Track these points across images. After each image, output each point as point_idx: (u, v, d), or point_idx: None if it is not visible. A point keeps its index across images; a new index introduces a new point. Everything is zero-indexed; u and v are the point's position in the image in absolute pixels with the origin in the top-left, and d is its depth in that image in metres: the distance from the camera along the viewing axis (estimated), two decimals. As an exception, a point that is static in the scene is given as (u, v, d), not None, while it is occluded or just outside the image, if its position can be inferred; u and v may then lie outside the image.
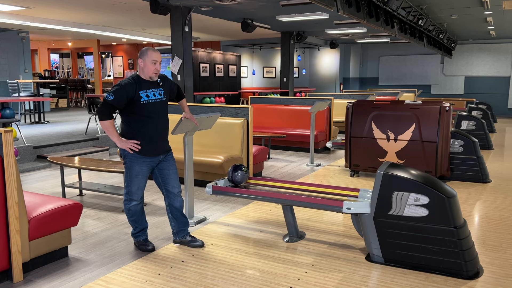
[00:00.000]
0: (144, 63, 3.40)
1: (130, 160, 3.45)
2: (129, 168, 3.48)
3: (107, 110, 3.33)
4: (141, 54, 3.42)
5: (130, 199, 3.53)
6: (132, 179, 3.48)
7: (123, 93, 3.31)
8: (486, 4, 9.01)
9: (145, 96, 3.38)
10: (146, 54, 3.39)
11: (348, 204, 3.37)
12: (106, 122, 3.33)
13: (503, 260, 3.45)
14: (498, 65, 16.46)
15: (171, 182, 3.62)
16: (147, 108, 3.39)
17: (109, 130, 3.35)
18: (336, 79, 18.54)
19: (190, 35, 9.19)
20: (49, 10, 10.35)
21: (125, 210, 3.58)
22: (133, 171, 3.46)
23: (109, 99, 3.28)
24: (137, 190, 3.51)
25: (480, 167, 6.03)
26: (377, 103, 6.11)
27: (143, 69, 3.41)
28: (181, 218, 3.71)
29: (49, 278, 3.13)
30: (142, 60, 3.40)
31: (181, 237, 3.74)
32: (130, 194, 3.52)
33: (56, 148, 7.55)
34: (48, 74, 17.97)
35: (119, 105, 3.33)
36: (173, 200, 3.65)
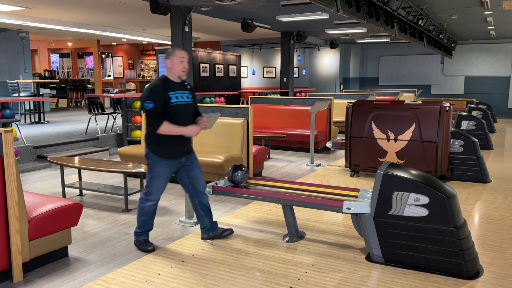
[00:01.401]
0: (172, 63, 3.40)
1: (152, 162, 3.47)
2: (151, 169, 3.50)
3: (155, 118, 3.30)
4: (168, 54, 3.42)
5: (148, 199, 3.55)
6: (153, 179, 3.50)
7: (159, 97, 3.32)
8: (486, 4, 9.00)
9: (174, 98, 3.40)
10: (173, 54, 3.40)
11: (348, 204, 3.37)
12: (164, 127, 3.32)
13: (503, 260, 3.45)
14: (498, 65, 16.46)
15: (199, 181, 3.68)
16: (175, 109, 3.40)
17: (172, 131, 3.36)
18: (336, 79, 18.53)
19: (190, 35, 9.19)
20: (49, 10, 10.36)
21: (139, 208, 3.59)
22: (154, 172, 3.48)
23: (150, 107, 3.28)
24: (156, 191, 3.54)
25: (480, 167, 6.03)
26: (377, 103, 6.11)
27: (171, 69, 3.42)
28: (210, 213, 3.79)
29: (49, 278, 3.13)
30: (170, 60, 3.40)
31: (214, 231, 3.79)
32: (148, 194, 3.54)
33: (56, 148, 7.55)
34: (48, 74, 17.97)
35: (160, 109, 3.32)
36: (202, 198, 3.71)
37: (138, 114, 8.22)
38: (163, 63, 13.85)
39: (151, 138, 3.46)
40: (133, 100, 8.43)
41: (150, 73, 20.23)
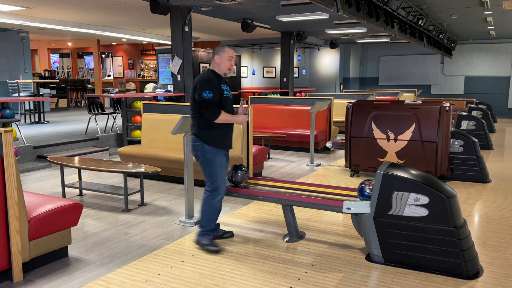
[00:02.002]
0: (220, 59, 3.51)
1: (211, 154, 3.50)
2: (211, 161, 3.50)
3: (215, 107, 3.41)
4: (217, 50, 3.53)
5: (217, 193, 3.56)
6: (217, 171, 3.52)
7: (216, 87, 3.42)
8: (486, 4, 9.00)
9: (226, 91, 3.52)
10: (223, 51, 3.52)
11: (348, 204, 3.37)
12: (222, 116, 3.43)
13: (503, 260, 3.45)
14: (498, 65, 16.46)
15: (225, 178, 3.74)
16: (227, 101, 3.52)
17: (228, 119, 3.47)
18: (336, 79, 18.53)
19: (190, 35, 9.18)
20: (49, 10, 10.36)
21: (206, 205, 3.57)
22: (217, 163, 3.51)
23: (210, 96, 3.37)
24: (223, 182, 3.58)
25: (480, 167, 6.03)
26: (377, 103, 6.11)
27: (219, 64, 3.53)
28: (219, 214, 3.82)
29: (49, 278, 3.13)
30: (219, 56, 3.51)
31: (216, 231, 3.80)
32: (216, 188, 3.55)
33: (56, 148, 7.55)
34: (48, 74, 17.97)
35: (217, 99, 3.43)
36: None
37: (138, 114, 8.22)
38: (163, 63, 13.89)
39: (206, 129, 3.49)
40: (133, 100, 8.43)
41: (150, 73, 20.23)
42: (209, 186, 3.57)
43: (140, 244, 3.78)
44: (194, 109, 3.52)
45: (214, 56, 3.53)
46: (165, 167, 5.61)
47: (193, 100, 3.50)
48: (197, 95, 3.42)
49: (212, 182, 3.55)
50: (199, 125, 3.52)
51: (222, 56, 3.50)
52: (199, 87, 3.42)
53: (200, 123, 3.52)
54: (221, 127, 3.52)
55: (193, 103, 3.51)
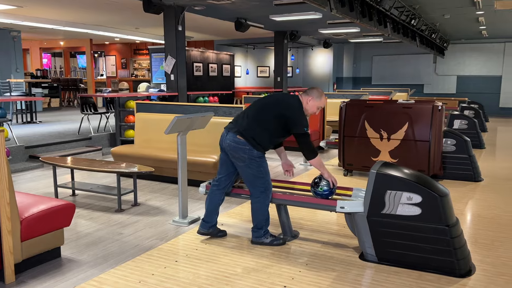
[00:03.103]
0: (313, 103, 3.62)
1: (261, 158, 3.56)
2: (261, 165, 3.56)
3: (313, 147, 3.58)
4: (314, 93, 3.63)
5: (269, 191, 3.62)
6: (266, 174, 3.58)
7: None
8: (478, 4, 9.07)
9: None
10: (320, 98, 3.63)
11: (341, 203, 3.38)
12: (317, 159, 3.53)
13: (495, 258, 3.48)
14: (489, 65, 16.59)
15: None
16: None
17: (322, 165, 3.57)
18: (329, 79, 18.58)
19: (183, 35, 9.16)
20: (41, 9, 10.28)
21: (263, 206, 3.62)
22: (265, 167, 3.59)
23: (307, 132, 3.50)
24: (271, 185, 3.65)
25: (472, 166, 6.07)
26: (370, 103, 6.13)
27: (306, 106, 3.60)
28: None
29: (41, 279, 3.11)
30: (313, 99, 3.60)
31: (213, 228, 3.83)
32: (267, 189, 3.60)
33: (49, 148, 7.50)
34: (40, 73, 17.84)
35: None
36: (223, 197, 3.82)
37: (131, 114, 8.19)
38: (156, 62, 13.84)
39: (264, 140, 3.54)
40: (126, 100, 8.39)
41: (143, 72, 20.15)
42: (261, 187, 3.58)
43: (134, 244, 3.76)
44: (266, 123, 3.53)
45: (308, 96, 3.60)
46: (159, 167, 5.59)
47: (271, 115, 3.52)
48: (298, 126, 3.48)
49: (264, 182, 3.58)
50: (259, 135, 3.52)
51: (315, 101, 3.60)
52: (299, 117, 3.50)
53: (261, 134, 3.53)
54: (272, 142, 3.64)
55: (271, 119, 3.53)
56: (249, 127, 3.54)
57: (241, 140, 3.51)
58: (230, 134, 3.57)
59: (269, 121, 3.53)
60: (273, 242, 3.67)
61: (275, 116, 3.52)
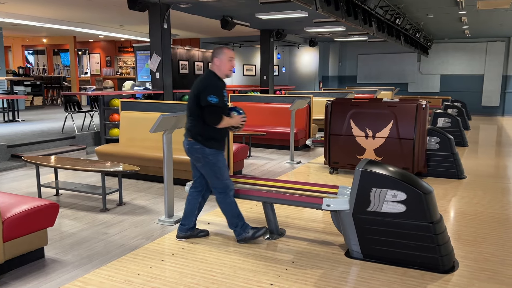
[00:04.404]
0: (220, 61, 3.49)
1: (213, 155, 3.51)
2: (214, 163, 3.52)
3: (219, 113, 3.42)
4: (216, 53, 3.50)
5: (229, 190, 3.59)
6: (223, 170, 3.55)
7: (220, 92, 3.42)
8: (461, 4, 9.20)
9: (226, 95, 3.54)
10: (222, 52, 3.50)
11: (327, 201, 3.40)
12: (225, 121, 3.45)
13: (478, 254, 3.54)
14: (472, 64, 16.85)
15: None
16: (225, 105, 3.53)
17: (229, 123, 3.50)
18: (315, 77, 18.65)
19: (169, 32, 9.09)
20: (23, 5, 10.09)
21: (225, 205, 3.60)
22: (220, 164, 3.54)
23: (215, 101, 3.36)
24: (229, 179, 3.62)
25: (456, 164, 6.17)
26: (355, 101, 6.17)
27: (219, 67, 3.50)
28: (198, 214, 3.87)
29: (25, 280, 3.06)
30: (219, 59, 3.49)
31: (192, 230, 3.80)
32: (226, 187, 3.57)
33: (31, 147, 7.38)
34: (22, 71, 17.53)
35: (223, 103, 3.43)
36: (206, 196, 3.79)
37: (116, 112, 8.10)
38: (141, 60, 13.71)
39: (207, 133, 3.48)
40: (111, 98, 8.30)
41: (128, 70, 19.95)
42: (219, 188, 3.58)
43: (119, 244, 3.73)
44: (194, 112, 3.48)
45: (214, 59, 3.50)
46: (144, 166, 5.55)
47: (194, 103, 3.46)
48: (202, 100, 3.38)
49: (220, 182, 3.56)
50: (199, 128, 3.49)
51: (221, 58, 3.49)
52: (204, 91, 3.39)
53: (200, 127, 3.49)
54: (220, 131, 3.54)
55: (194, 106, 3.47)
56: (191, 125, 3.55)
57: (191, 142, 3.54)
58: (184, 139, 3.61)
59: (197, 109, 3.46)
60: (255, 234, 3.67)
61: (197, 103, 3.45)
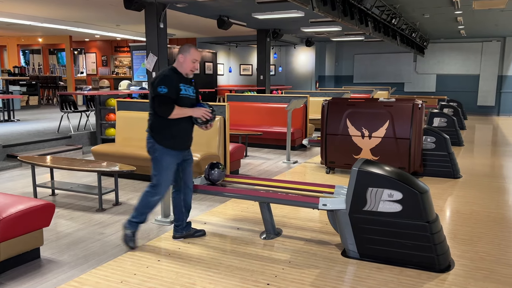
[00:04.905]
0: (184, 59, 3.46)
1: (160, 153, 3.46)
2: (159, 160, 3.47)
3: (168, 103, 3.34)
4: (183, 50, 3.47)
5: (156, 192, 3.51)
6: (162, 171, 3.48)
7: (172, 83, 3.36)
8: (456, 4, 9.23)
9: (184, 90, 3.46)
10: (188, 52, 3.46)
11: (324, 200, 3.41)
12: (176, 111, 3.36)
13: (473, 253, 3.55)
14: (468, 64, 16.92)
15: (190, 178, 3.73)
16: (183, 101, 3.45)
17: (181, 113, 3.40)
18: (312, 77, 18.67)
19: (165, 32, 9.07)
20: (19, 4, 10.04)
21: (144, 200, 3.53)
22: (164, 163, 3.47)
23: (164, 91, 3.32)
24: (165, 185, 3.54)
25: (452, 163, 6.19)
26: (352, 101, 6.18)
27: (182, 64, 3.47)
28: (189, 212, 3.81)
29: (20, 280, 3.05)
30: (183, 56, 3.46)
31: (187, 230, 3.78)
32: (157, 187, 3.50)
33: (27, 147, 7.35)
34: (18, 70, 17.44)
35: (174, 95, 3.37)
36: (188, 196, 3.73)
37: (112, 112, 8.08)
38: (138, 60, 13.68)
39: (159, 128, 3.45)
40: (107, 98, 8.27)
41: (124, 70, 19.89)
42: (152, 183, 3.53)
43: (115, 244, 3.72)
44: (151, 106, 3.48)
45: (179, 55, 3.47)
46: (140, 166, 5.53)
47: (150, 97, 3.47)
48: (153, 91, 3.38)
49: (156, 179, 3.51)
50: (153, 123, 3.48)
51: (186, 56, 3.45)
52: (154, 81, 3.38)
53: (154, 121, 3.47)
54: (175, 127, 3.45)
55: (151, 100, 3.47)
56: (149, 119, 3.53)
57: (147, 136, 3.54)
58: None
59: (152, 102, 3.44)
60: (129, 239, 3.54)
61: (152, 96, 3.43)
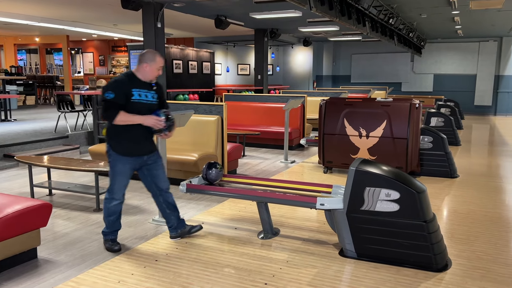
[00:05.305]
0: (150, 68, 3.38)
1: (113, 159, 3.43)
2: (112, 166, 3.45)
3: (113, 109, 3.27)
4: (147, 58, 3.38)
5: (112, 197, 3.48)
6: (115, 177, 3.45)
7: (120, 89, 3.29)
8: (453, 4, 9.25)
9: (137, 95, 3.36)
10: (154, 60, 3.38)
11: (321, 200, 3.41)
12: (119, 117, 3.29)
13: (470, 252, 3.57)
14: (465, 64, 16.96)
15: (162, 180, 3.66)
16: (135, 106, 3.35)
17: (127, 120, 3.32)
18: (309, 77, 18.68)
19: (162, 32, 9.07)
20: (16, 4, 10.02)
21: (104, 208, 3.52)
22: (116, 169, 3.44)
23: (111, 97, 3.25)
24: (119, 189, 3.48)
25: (449, 163, 6.20)
26: (349, 101, 6.19)
27: (146, 72, 3.39)
28: (177, 211, 3.76)
29: (17, 280, 3.04)
30: (148, 65, 3.37)
31: (182, 228, 3.76)
32: (112, 192, 3.48)
33: (24, 147, 7.33)
34: (15, 70, 17.39)
35: (121, 100, 3.29)
36: (167, 197, 3.69)
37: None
38: (135, 60, 13.63)
39: (112, 134, 3.42)
40: (104, 97, 8.25)
41: (122, 69, 19.86)
42: (107, 189, 3.52)
43: (113, 244, 3.70)
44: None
45: (143, 63, 3.37)
46: (138, 166, 5.51)
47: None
48: (101, 95, 3.32)
49: (110, 185, 3.49)
50: (108, 129, 3.44)
51: (152, 65, 3.36)
52: (104, 87, 3.31)
53: (109, 127, 3.43)
54: (127, 133, 3.37)
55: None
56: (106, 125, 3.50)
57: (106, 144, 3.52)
58: None
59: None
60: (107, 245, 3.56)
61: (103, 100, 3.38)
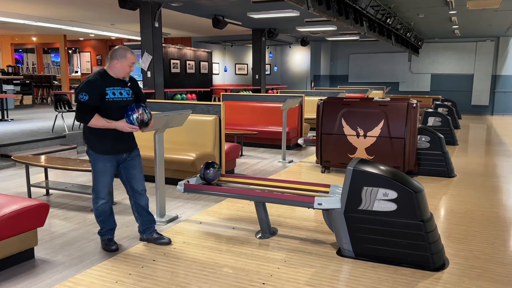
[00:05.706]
0: (120, 64, 3.33)
1: (93, 158, 3.41)
2: (93, 166, 3.43)
3: (88, 111, 3.24)
4: (117, 54, 3.32)
5: (98, 197, 3.47)
6: (97, 177, 3.43)
7: (94, 90, 3.24)
8: (451, 4, 9.27)
9: (111, 94, 3.32)
10: (124, 56, 3.33)
11: (319, 200, 3.41)
12: (93, 121, 3.25)
13: (468, 252, 3.57)
14: (462, 64, 17.01)
15: (137, 181, 3.58)
16: (109, 105, 3.31)
17: (103, 125, 3.27)
18: (307, 77, 18.69)
19: (160, 31, 9.05)
20: (12, 3, 9.98)
21: (93, 210, 3.51)
22: (97, 169, 3.41)
23: (85, 99, 3.20)
24: (103, 188, 3.45)
25: (446, 162, 6.22)
26: (347, 100, 6.20)
27: (117, 69, 3.35)
28: (147, 216, 3.68)
29: (14, 281, 3.03)
30: (119, 61, 3.32)
31: (148, 234, 3.71)
32: (96, 192, 3.46)
33: (21, 146, 7.31)
34: (12, 70, 17.33)
35: (96, 102, 3.25)
36: (138, 199, 3.62)
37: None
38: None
39: (90, 134, 3.38)
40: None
41: (119, 69, 19.80)
42: (92, 189, 3.50)
43: (110, 244, 3.70)
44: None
45: (113, 60, 3.33)
46: (136, 165, 5.50)
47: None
48: (75, 96, 3.29)
49: (94, 185, 3.47)
50: (84, 128, 3.42)
51: (122, 62, 3.32)
52: (78, 88, 3.27)
53: (85, 127, 3.40)
54: (103, 132, 3.33)
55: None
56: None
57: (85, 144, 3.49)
58: None
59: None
60: (104, 245, 3.57)
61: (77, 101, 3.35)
